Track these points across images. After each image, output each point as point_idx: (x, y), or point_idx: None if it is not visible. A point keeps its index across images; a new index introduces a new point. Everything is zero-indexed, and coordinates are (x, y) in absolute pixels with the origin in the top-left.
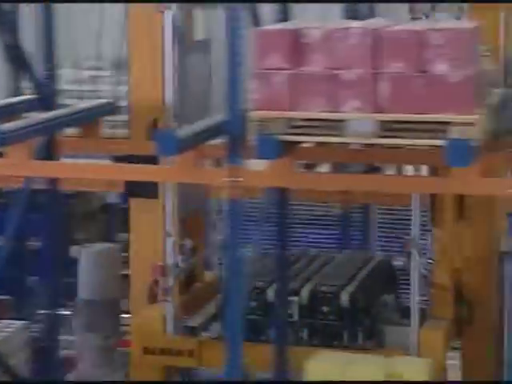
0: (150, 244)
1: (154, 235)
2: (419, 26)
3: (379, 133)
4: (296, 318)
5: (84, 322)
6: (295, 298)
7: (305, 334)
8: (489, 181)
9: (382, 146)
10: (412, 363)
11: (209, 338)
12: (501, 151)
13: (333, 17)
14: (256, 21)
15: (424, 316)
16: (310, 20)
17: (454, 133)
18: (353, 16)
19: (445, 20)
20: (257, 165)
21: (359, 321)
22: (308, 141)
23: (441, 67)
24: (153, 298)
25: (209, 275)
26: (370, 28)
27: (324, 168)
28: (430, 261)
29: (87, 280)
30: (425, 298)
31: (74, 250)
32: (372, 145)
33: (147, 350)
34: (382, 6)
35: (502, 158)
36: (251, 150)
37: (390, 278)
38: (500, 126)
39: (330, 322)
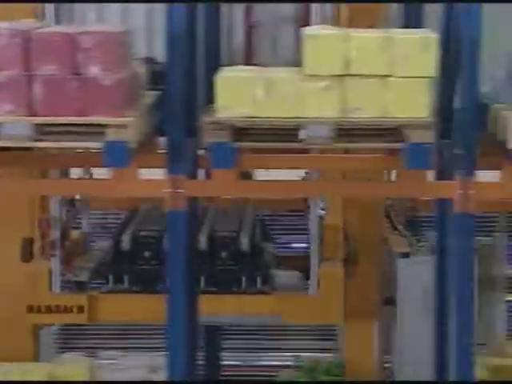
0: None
1: None
2: (72, 28)
3: (36, 136)
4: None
5: None
6: None
7: (202, 280)
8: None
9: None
10: None
11: (99, 293)
12: (155, 151)
13: None
14: None
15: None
16: None
17: (111, 135)
18: None
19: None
20: None
21: (257, 266)
22: None
23: (93, 70)
24: (28, 256)
25: (74, 233)
26: (20, 29)
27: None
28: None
29: None
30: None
31: None
32: (30, 149)
33: (31, 309)
34: None
35: (157, 157)
36: None
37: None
38: (151, 126)
39: (229, 268)
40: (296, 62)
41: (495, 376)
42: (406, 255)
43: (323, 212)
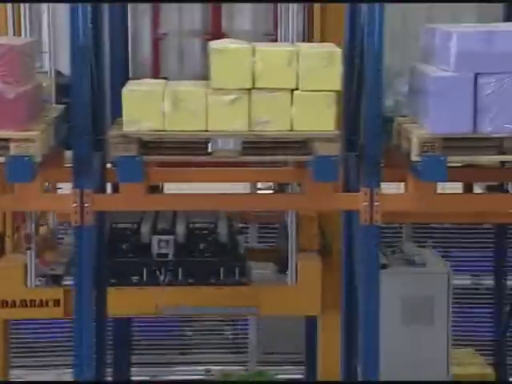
0: None
1: None
2: None
3: None
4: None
5: None
6: (170, 237)
7: (180, 272)
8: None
9: None
10: None
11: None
12: (62, 165)
13: None
14: None
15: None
16: None
17: (14, 149)
18: None
19: None
20: None
21: (235, 257)
22: None
23: None
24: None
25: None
26: None
27: None
28: None
29: None
30: None
31: None
32: None
33: (5, 304)
34: None
35: (63, 171)
36: None
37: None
38: (57, 140)
39: (207, 259)
40: (204, 76)
41: None
42: (383, 267)
43: None
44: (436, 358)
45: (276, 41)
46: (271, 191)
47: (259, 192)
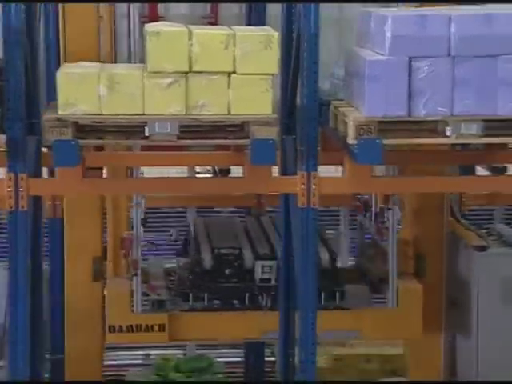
0: None
1: None
2: None
3: None
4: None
5: None
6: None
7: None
8: None
9: None
10: None
11: (179, 312)
12: None
13: None
14: None
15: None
16: None
17: None
18: None
19: None
20: None
21: (335, 282)
22: None
23: None
24: (99, 275)
25: None
26: None
27: None
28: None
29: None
30: None
31: None
32: None
33: (112, 329)
34: None
35: None
36: None
37: None
38: None
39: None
40: (140, 59)
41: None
42: (482, 249)
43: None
44: None
45: (215, 24)
46: (210, 176)
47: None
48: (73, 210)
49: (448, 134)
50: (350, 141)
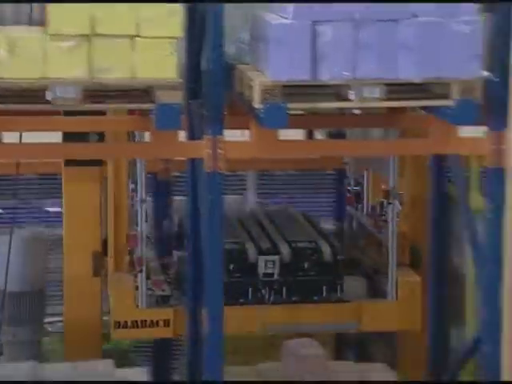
0: None
1: None
2: None
3: None
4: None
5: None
6: (276, 257)
7: (284, 291)
8: None
9: None
10: None
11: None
12: None
13: None
14: None
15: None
16: None
17: None
18: None
19: None
20: None
21: (336, 275)
22: None
23: None
24: (98, 270)
25: None
26: None
27: None
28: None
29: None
30: None
31: None
32: None
33: (118, 324)
34: None
35: None
36: None
37: None
38: None
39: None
40: (40, 22)
41: None
42: None
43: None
44: None
45: None
46: None
47: None
48: (72, 205)
49: (351, 97)
50: (256, 105)
